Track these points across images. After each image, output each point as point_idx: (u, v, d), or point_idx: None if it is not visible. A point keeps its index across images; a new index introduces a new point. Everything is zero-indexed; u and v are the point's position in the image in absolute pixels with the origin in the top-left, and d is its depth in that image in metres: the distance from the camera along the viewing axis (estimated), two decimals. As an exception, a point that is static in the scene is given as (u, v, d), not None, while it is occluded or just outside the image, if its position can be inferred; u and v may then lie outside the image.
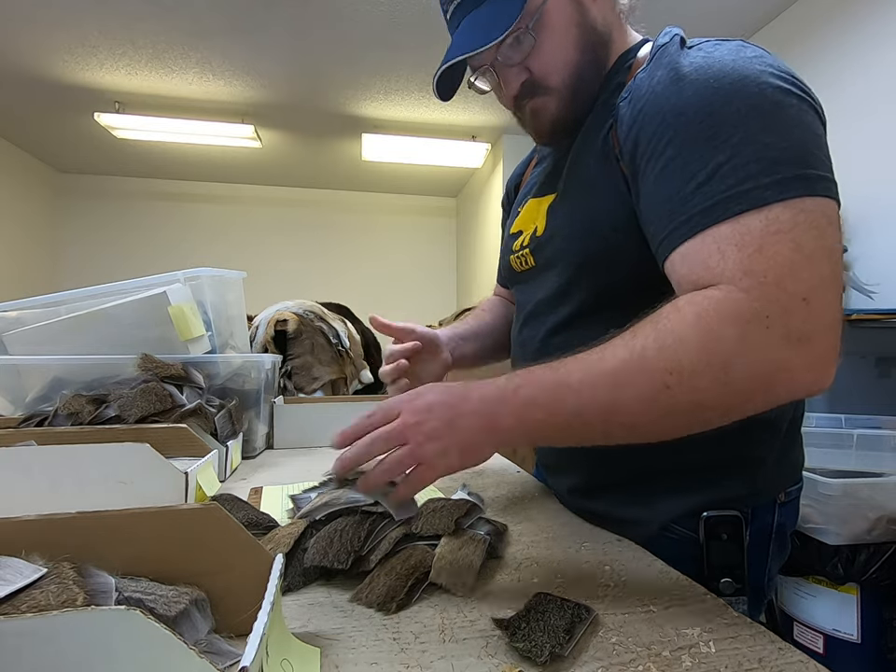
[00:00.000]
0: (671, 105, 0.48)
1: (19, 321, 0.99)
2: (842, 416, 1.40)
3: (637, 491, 0.62)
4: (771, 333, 0.40)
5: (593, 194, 0.59)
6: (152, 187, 4.86)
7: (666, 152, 0.48)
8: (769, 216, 0.42)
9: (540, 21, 0.59)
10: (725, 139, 0.45)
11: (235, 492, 0.66)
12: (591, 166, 0.59)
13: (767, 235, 0.42)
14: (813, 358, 0.41)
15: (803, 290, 0.41)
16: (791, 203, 0.42)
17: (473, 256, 4.79)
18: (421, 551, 0.50)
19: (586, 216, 0.59)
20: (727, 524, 0.58)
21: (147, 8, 2.46)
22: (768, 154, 0.43)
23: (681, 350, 0.41)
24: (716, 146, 0.45)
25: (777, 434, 0.60)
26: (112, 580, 0.33)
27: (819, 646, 1.20)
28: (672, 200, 0.47)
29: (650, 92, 0.51)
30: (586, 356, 0.45)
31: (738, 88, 0.46)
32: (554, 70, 0.61)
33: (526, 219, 0.72)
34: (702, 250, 0.44)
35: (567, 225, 0.63)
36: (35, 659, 0.24)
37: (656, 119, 0.49)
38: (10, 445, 0.64)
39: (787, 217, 0.42)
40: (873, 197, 1.97)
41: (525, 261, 0.71)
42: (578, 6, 0.60)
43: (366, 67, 2.98)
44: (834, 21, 2.17)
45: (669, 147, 0.48)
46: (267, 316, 1.62)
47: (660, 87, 0.50)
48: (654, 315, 0.45)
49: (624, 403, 0.43)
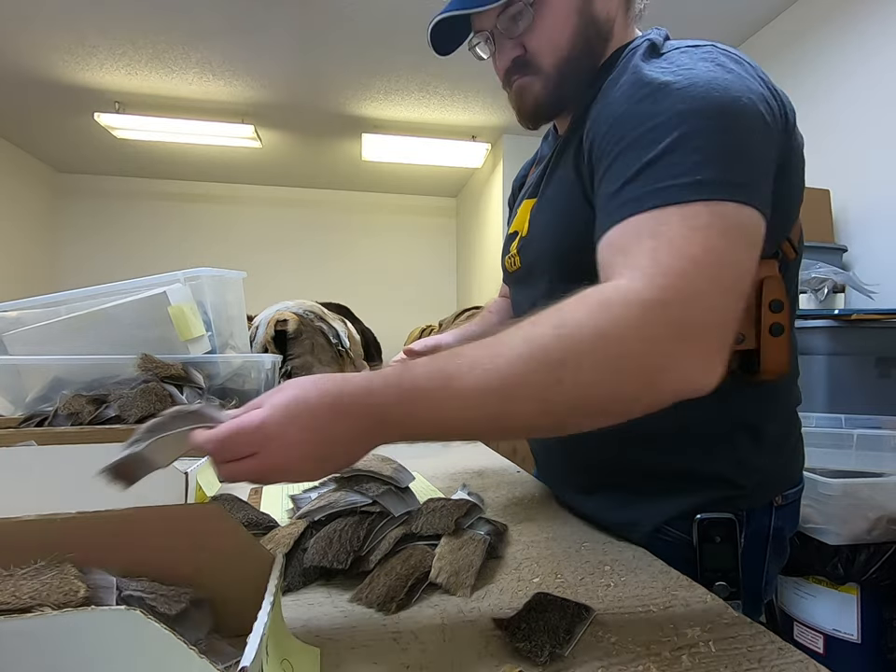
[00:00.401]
0: (623, 109, 0.50)
1: (19, 321, 0.99)
2: (842, 416, 1.39)
3: (631, 493, 0.62)
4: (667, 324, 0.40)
5: (568, 194, 0.60)
6: (152, 187, 4.85)
7: (612, 152, 0.50)
8: (688, 213, 0.43)
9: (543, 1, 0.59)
10: (660, 140, 0.46)
11: (235, 492, 0.66)
12: (567, 168, 0.60)
13: (682, 230, 0.42)
14: (701, 354, 0.40)
15: (705, 288, 0.41)
16: (712, 206, 0.43)
17: (473, 256, 4.78)
18: (421, 551, 0.50)
19: (562, 215, 0.60)
20: (721, 526, 0.57)
21: (146, 8, 2.46)
22: (695, 157, 0.44)
23: (577, 335, 0.39)
24: (649, 147, 0.46)
25: (765, 439, 0.60)
26: (113, 578, 0.33)
27: (818, 646, 1.20)
28: (606, 196, 0.49)
29: (610, 98, 0.53)
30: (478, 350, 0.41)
31: (685, 94, 0.47)
32: (547, 51, 0.61)
33: (520, 220, 0.73)
34: (621, 238, 0.46)
35: (545, 225, 0.64)
36: (34, 659, 0.24)
37: (608, 122, 0.51)
38: (10, 445, 0.64)
39: (704, 216, 0.43)
40: (872, 197, 1.97)
41: (514, 262, 0.72)
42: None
43: (366, 67, 2.98)
44: (833, 22, 2.17)
45: (615, 147, 0.49)
46: (267, 316, 1.62)
47: (619, 92, 0.52)
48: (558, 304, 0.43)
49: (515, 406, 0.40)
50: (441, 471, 0.90)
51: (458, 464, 0.96)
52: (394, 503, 0.53)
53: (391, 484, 0.55)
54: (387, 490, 0.54)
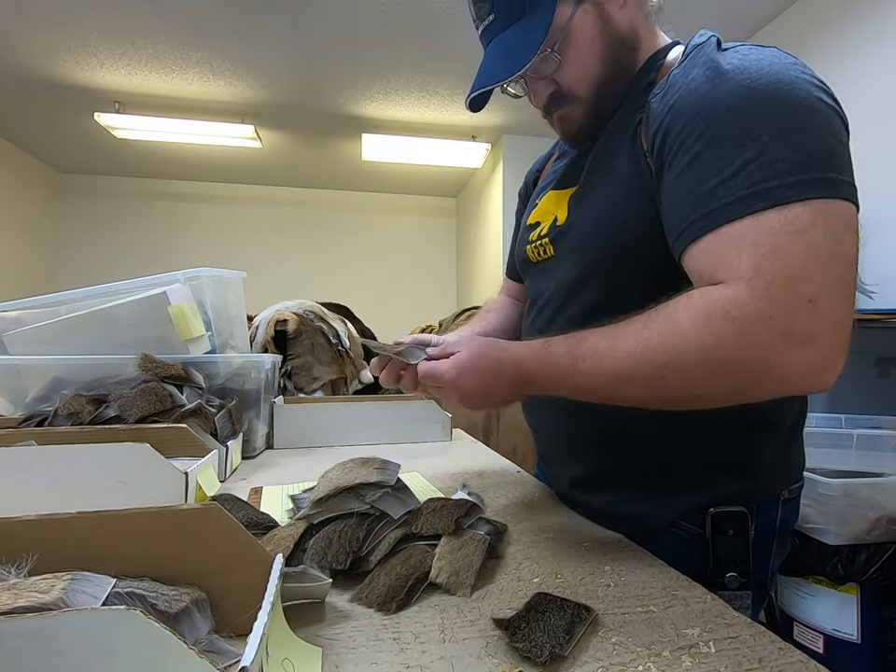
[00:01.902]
0: (705, 101, 0.49)
1: (19, 321, 0.99)
2: (842, 416, 1.39)
3: (642, 488, 0.62)
4: (772, 334, 0.42)
5: (617, 185, 0.59)
6: (152, 187, 4.85)
7: (695, 147, 0.49)
8: (788, 215, 0.43)
9: (566, 39, 0.60)
10: (755, 137, 0.45)
11: (235, 492, 0.66)
12: (616, 159, 0.60)
13: (784, 235, 0.43)
14: (815, 358, 0.42)
15: (810, 291, 0.42)
16: (812, 205, 0.43)
17: (473, 256, 4.78)
18: (421, 551, 0.50)
19: (610, 206, 0.60)
20: (733, 519, 0.59)
21: (147, 8, 2.46)
22: (795, 155, 0.44)
23: (682, 344, 0.45)
24: (745, 143, 0.46)
25: (779, 434, 0.61)
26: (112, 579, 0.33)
27: (818, 646, 1.20)
28: (696, 193, 0.48)
29: (684, 89, 0.52)
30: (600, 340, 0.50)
31: (773, 89, 0.46)
32: (580, 81, 0.62)
33: (545, 210, 0.72)
34: (720, 245, 0.46)
35: (590, 215, 0.63)
36: (34, 659, 0.24)
37: (688, 114, 0.50)
38: (10, 445, 0.64)
39: (806, 217, 0.43)
40: (873, 198, 1.97)
41: (543, 251, 0.71)
42: (602, 17, 0.60)
43: (366, 67, 2.98)
44: (835, 20, 2.17)
45: (699, 141, 0.48)
46: (267, 316, 1.62)
47: (694, 84, 0.51)
48: (670, 305, 0.48)
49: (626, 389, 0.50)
50: (441, 471, 0.90)
51: (458, 464, 0.96)
52: (392, 505, 0.53)
53: (388, 487, 0.54)
54: (384, 493, 0.54)
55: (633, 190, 0.57)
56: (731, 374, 0.45)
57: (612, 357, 0.49)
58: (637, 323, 0.49)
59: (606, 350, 0.49)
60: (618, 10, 0.61)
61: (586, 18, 0.59)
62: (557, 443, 0.73)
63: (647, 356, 0.46)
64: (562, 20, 0.59)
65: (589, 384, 0.51)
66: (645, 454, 0.61)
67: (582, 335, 0.52)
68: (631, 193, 0.57)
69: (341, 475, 0.55)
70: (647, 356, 0.46)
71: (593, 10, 0.60)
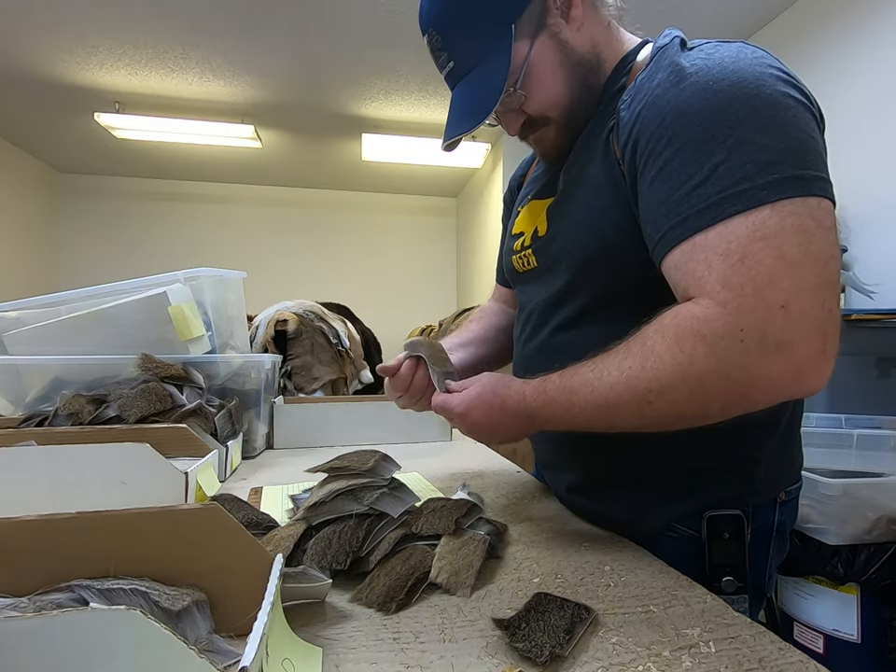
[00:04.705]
0: (671, 106, 0.48)
1: (19, 321, 0.99)
2: (842, 416, 1.39)
3: (637, 493, 0.62)
4: (745, 345, 0.42)
5: (594, 194, 0.59)
6: (152, 187, 4.85)
7: (664, 153, 0.48)
8: (756, 220, 0.43)
9: (528, 74, 0.60)
10: (722, 140, 0.45)
11: (235, 492, 0.66)
12: (591, 167, 0.60)
13: (752, 242, 0.42)
14: (794, 363, 0.42)
15: (782, 298, 0.41)
16: (782, 207, 0.42)
17: (473, 256, 4.78)
18: (421, 551, 0.50)
19: (588, 215, 0.59)
20: (729, 522, 0.58)
21: (147, 8, 2.46)
22: (764, 155, 0.44)
23: (659, 369, 0.46)
24: (712, 148, 0.45)
25: (773, 435, 0.60)
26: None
27: (819, 646, 1.20)
28: (668, 201, 0.48)
29: (649, 94, 0.51)
30: (588, 373, 0.51)
31: (737, 89, 0.46)
32: (548, 107, 0.63)
33: (527, 220, 0.72)
34: (691, 259, 0.46)
35: (569, 225, 0.63)
36: (34, 659, 0.24)
37: (655, 120, 0.49)
38: (10, 445, 0.64)
39: (774, 221, 0.42)
40: (872, 197, 1.97)
41: (527, 261, 0.71)
42: (560, 45, 0.60)
43: (366, 67, 2.98)
44: (833, 21, 2.16)
45: (667, 148, 0.48)
46: (267, 316, 1.62)
47: (659, 89, 0.50)
48: (645, 331, 0.48)
49: (619, 417, 0.50)
50: (441, 471, 0.90)
51: (458, 464, 0.96)
52: (391, 505, 0.53)
53: (384, 487, 0.54)
54: (382, 494, 0.53)
55: (609, 199, 0.57)
56: (715, 390, 0.45)
57: (600, 389, 0.49)
58: (619, 353, 0.50)
59: (594, 382, 0.50)
60: (575, 33, 0.60)
61: (544, 50, 0.59)
62: (553, 449, 0.74)
63: (630, 385, 0.47)
64: (520, 58, 0.58)
65: (586, 416, 0.52)
66: (640, 458, 0.61)
67: (574, 369, 0.53)
68: (607, 202, 0.57)
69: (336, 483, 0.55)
70: (630, 385, 0.47)
71: (549, 41, 0.59)
